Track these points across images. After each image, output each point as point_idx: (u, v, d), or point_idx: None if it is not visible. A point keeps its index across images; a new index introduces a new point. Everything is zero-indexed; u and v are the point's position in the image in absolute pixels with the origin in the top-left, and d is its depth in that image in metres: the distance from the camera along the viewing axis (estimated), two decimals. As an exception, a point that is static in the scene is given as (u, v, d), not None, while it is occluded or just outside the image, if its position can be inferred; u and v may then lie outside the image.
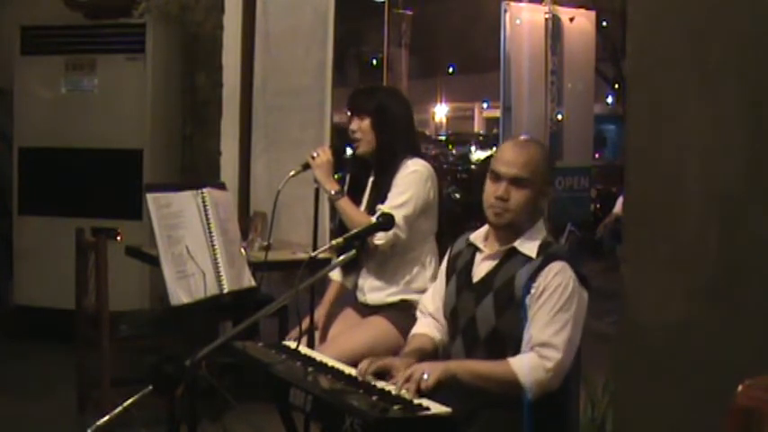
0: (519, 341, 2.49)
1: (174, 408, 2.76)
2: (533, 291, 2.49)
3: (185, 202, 3.24)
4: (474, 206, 3.56)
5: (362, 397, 2.24)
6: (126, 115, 5.60)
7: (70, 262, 4.35)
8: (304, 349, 2.72)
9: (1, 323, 5.86)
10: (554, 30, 7.27)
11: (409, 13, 28.42)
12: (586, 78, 7.87)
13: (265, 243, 4.05)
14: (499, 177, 2.59)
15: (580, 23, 7.61)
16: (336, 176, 3.37)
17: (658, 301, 2.49)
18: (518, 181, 2.56)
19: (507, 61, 7.17)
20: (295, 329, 3.00)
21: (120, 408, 2.28)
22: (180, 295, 3.10)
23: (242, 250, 3.48)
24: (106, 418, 2.28)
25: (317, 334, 3.27)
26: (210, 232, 3.25)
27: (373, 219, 3.03)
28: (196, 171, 5.81)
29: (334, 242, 2.80)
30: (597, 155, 13.04)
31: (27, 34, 5.74)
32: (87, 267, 4.16)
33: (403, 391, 2.30)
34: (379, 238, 3.15)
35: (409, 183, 3.23)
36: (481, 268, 2.65)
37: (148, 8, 5.96)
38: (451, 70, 33.29)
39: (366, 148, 3.33)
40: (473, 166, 13.72)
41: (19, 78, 5.77)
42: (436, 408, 2.18)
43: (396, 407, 2.16)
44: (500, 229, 2.63)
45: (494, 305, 2.55)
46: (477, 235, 2.71)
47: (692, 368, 2.40)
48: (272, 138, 5.28)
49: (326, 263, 2.94)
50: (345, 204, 3.28)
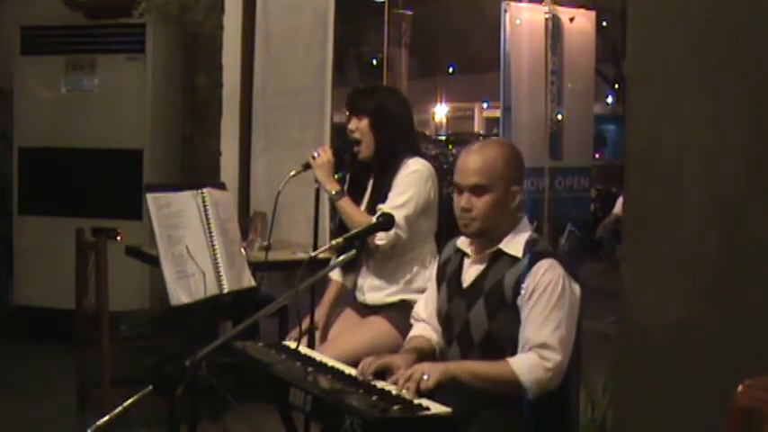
0: (514, 343, 2.49)
1: (174, 408, 2.77)
2: (523, 291, 2.48)
3: (185, 202, 3.24)
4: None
5: (362, 397, 2.24)
6: (126, 115, 5.60)
7: (70, 262, 4.35)
8: (304, 349, 2.72)
9: (1, 323, 5.86)
10: (554, 30, 7.26)
11: (409, 13, 28.38)
12: (586, 78, 7.86)
13: (265, 243, 4.05)
14: (460, 188, 2.59)
15: (580, 23, 7.60)
16: (337, 176, 3.37)
17: (658, 301, 2.49)
18: (476, 189, 2.55)
19: (507, 61, 7.15)
20: (295, 329, 3.00)
21: (120, 408, 2.28)
22: (180, 295, 3.10)
23: (242, 250, 3.48)
24: (106, 418, 2.28)
25: (317, 334, 3.27)
26: (210, 232, 3.24)
27: (373, 219, 3.03)
28: (196, 171, 5.80)
29: (334, 242, 2.80)
30: (597, 155, 13.02)
31: (27, 34, 5.74)
32: (87, 267, 4.16)
33: (403, 391, 2.30)
34: (380, 239, 3.14)
35: (410, 182, 3.22)
36: (470, 273, 2.64)
37: (148, 8, 5.96)
38: (451, 70, 33.24)
39: (367, 153, 3.32)
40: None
41: (19, 78, 5.77)
42: (436, 408, 2.18)
43: (396, 407, 2.16)
44: (475, 237, 2.62)
45: (485, 309, 2.55)
46: (463, 240, 2.70)
47: (692, 368, 2.40)
48: (272, 138, 5.28)
49: (326, 263, 2.94)
50: (346, 204, 3.28)
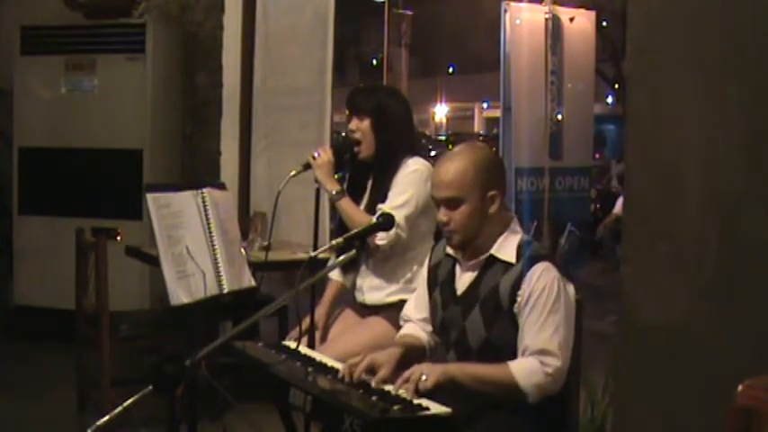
0: (512, 349, 2.47)
1: (174, 408, 2.76)
2: (519, 298, 2.46)
3: (185, 202, 3.24)
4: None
5: (362, 397, 2.24)
6: (126, 115, 5.60)
7: (70, 262, 4.35)
8: (304, 349, 2.72)
9: (1, 323, 5.86)
10: (554, 30, 7.25)
11: (409, 13, 28.38)
12: (586, 78, 7.85)
13: (265, 243, 4.05)
14: (437, 202, 2.59)
15: (580, 23, 7.59)
16: (337, 176, 3.37)
17: (658, 301, 2.49)
18: (450, 202, 2.54)
19: (507, 61, 7.14)
20: (295, 329, 2.99)
21: (120, 408, 2.27)
22: (180, 295, 3.09)
23: (242, 250, 3.48)
24: (106, 418, 2.28)
25: (317, 334, 3.27)
26: (210, 232, 3.24)
27: (374, 219, 3.03)
28: (196, 171, 5.80)
29: (334, 242, 2.80)
30: (597, 155, 13.00)
31: (27, 34, 5.74)
32: (87, 267, 4.16)
33: (401, 391, 2.29)
34: (380, 239, 3.14)
35: (409, 182, 3.22)
36: (463, 280, 2.62)
37: (148, 8, 5.96)
38: (451, 70, 33.24)
39: (367, 153, 3.32)
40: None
41: (19, 78, 5.76)
42: (436, 408, 2.18)
43: (395, 407, 2.16)
44: (461, 248, 2.61)
45: (482, 317, 2.53)
46: None
47: (692, 368, 2.40)
48: (272, 138, 5.28)
49: (326, 263, 2.94)
50: (346, 204, 3.28)
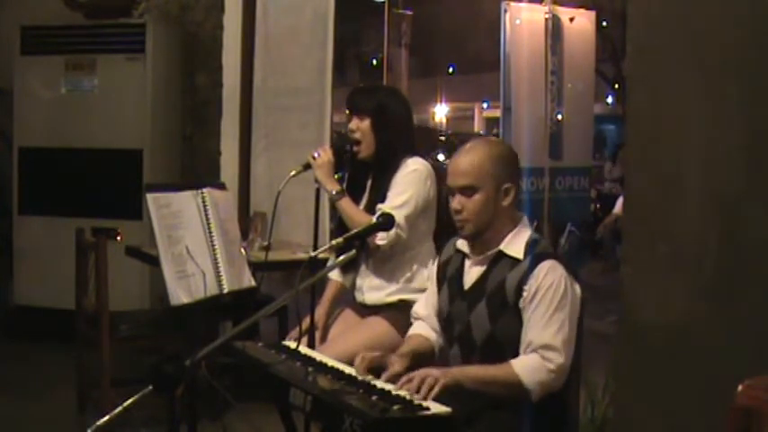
0: (516, 345, 2.48)
1: (174, 408, 2.76)
2: (525, 293, 2.47)
3: (185, 202, 3.23)
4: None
5: (362, 397, 2.24)
6: (126, 115, 5.60)
7: (70, 262, 4.35)
8: (304, 349, 2.72)
9: (1, 323, 5.86)
10: (554, 30, 7.24)
11: (409, 13, 28.34)
12: (586, 78, 7.84)
13: (265, 243, 4.05)
14: (452, 191, 2.60)
15: (580, 23, 7.58)
16: (337, 176, 3.37)
17: (658, 301, 2.49)
18: (465, 189, 2.56)
19: (507, 61, 7.14)
20: (295, 329, 2.99)
21: (120, 408, 2.27)
22: (180, 295, 3.09)
23: (242, 250, 3.48)
24: (106, 418, 2.28)
25: (317, 334, 3.27)
26: (210, 232, 3.24)
27: (374, 219, 3.03)
28: (196, 171, 5.80)
29: (334, 242, 2.80)
30: (597, 155, 13.00)
31: (27, 34, 5.73)
32: (87, 267, 4.16)
33: (401, 391, 2.29)
34: (380, 239, 3.14)
35: (409, 182, 3.22)
36: (471, 275, 2.63)
37: (148, 8, 5.96)
38: (451, 70, 33.21)
39: (367, 152, 3.32)
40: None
41: (19, 78, 5.76)
42: (436, 408, 2.18)
43: (395, 407, 2.16)
44: (472, 239, 2.62)
45: (487, 312, 2.54)
46: (463, 241, 2.69)
47: (692, 368, 2.40)
48: (272, 138, 5.28)
49: (326, 263, 2.94)
50: (346, 204, 3.28)
